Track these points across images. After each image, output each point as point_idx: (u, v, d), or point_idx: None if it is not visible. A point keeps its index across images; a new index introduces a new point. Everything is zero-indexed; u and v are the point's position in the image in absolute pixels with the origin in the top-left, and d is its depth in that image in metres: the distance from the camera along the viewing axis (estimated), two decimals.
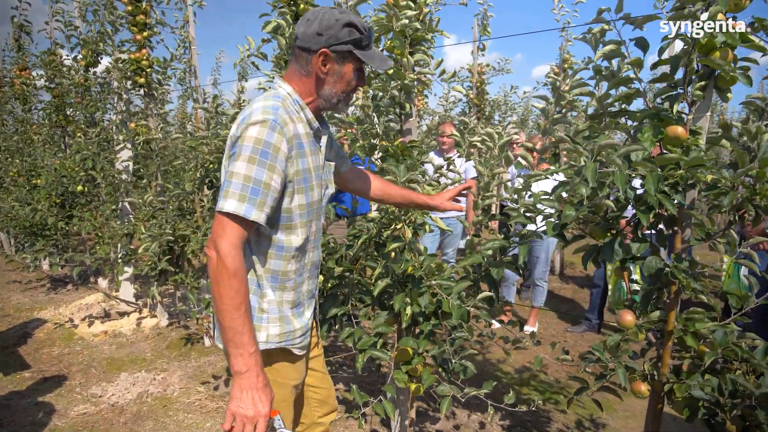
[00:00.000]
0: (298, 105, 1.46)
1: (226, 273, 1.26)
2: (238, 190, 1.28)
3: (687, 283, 1.63)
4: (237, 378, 1.28)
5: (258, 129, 1.30)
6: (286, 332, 1.49)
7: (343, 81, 1.46)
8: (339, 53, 1.42)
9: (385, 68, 1.46)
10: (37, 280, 6.25)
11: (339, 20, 1.40)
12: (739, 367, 1.61)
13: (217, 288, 1.27)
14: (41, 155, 6.27)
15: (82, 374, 3.61)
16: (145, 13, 4.44)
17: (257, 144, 1.29)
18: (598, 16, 1.74)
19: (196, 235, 3.74)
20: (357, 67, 1.47)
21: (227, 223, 1.28)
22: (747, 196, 1.58)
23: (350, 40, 1.41)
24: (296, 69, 1.47)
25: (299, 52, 1.45)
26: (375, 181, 1.91)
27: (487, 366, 3.75)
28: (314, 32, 1.40)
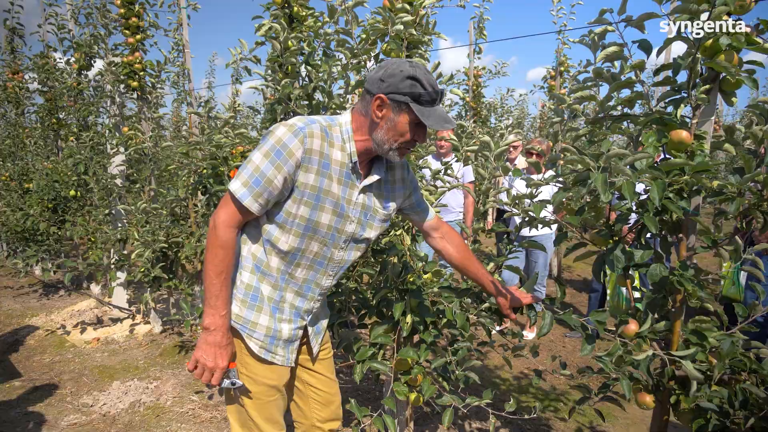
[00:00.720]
0: (348, 135, 1.52)
1: (216, 242, 1.43)
2: (246, 176, 1.41)
3: (693, 291, 1.58)
4: (204, 333, 1.45)
5: (284, 130, 1.41)
6: (244, 318, 1.54)
7: (396, 130, 1.47)
8: (395, 102, 1.44)
9: (441, 128, 1.47)
10: (29, 286, 6.17)
11: (403, 71, 1.43)
12: (748, 378, 1.57)
13: (207, 253, 1.45)
14: (33, 159, 6.19)
15: (74, 383, 3.54)
16: (138, 16, 4.39)
17: (277, 143, 1.40)
18: (599, 16, 1.70)
19: (190, 241, 3.68)
20: (415, 121, 1.46)
21: (229, 200, 1.44)
22: (754, 202, 1.54)
23: (409, 92, 1.43)
24: (359, 107, 1.53)
25: (364, 92, 1.52)
26: (457, 249, 1.86)
27: (486, 372, 3.70)
28: (378, 77, 1.46)
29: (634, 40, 1.73)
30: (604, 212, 1.83)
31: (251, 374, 1.57)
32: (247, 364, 1.56)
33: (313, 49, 2.75)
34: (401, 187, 1.70)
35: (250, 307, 1.54)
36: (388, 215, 1.68)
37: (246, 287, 1.55)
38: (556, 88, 6.46)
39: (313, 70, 2.73)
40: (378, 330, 2.07)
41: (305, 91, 2.70)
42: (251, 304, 1.55)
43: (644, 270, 1.73)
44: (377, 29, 2.34)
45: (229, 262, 1.45)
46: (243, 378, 1.56)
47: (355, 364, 2.09)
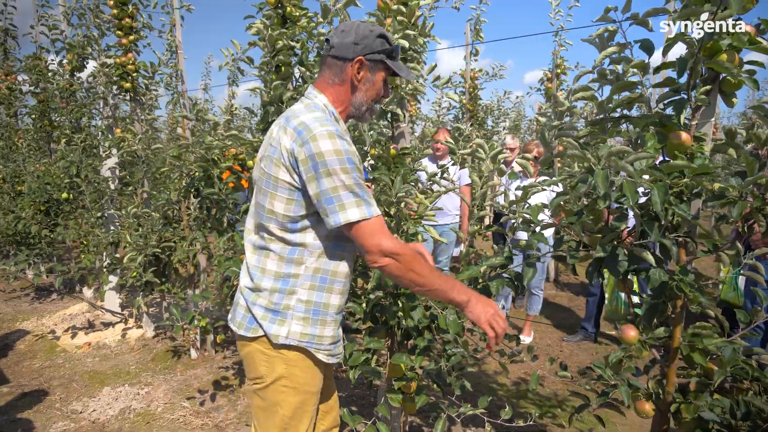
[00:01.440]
0: (334, 117, 1.51)
1: (409, 259, 1.39)
2: (352, 199, 1.35)
3: (694, 296, 1.54)
4: (467, 307, 1.45)
5: (329, 141, 1.35)
6: (310, 334, 1.50)
7: (374, 89, 1.53)
8: (372, 62, 1.50)
9: (411, 78, 1.56)
10: (21, 289, 6.09)
11: (373, 31, 1.49)
12: (750, 386, 1.53)
13: (411, 276, 1.40)
14: (25, 161, 6.13)
15: (63, 389, 3.47)
16: (132, 17, 4.34)
17: (338, 154, 1.35)
18: (604, 14, 1.66)
19: (182, 244, 3.62)
20: (385, 77, 1.55)
21: (365, 228, 1.37)
22: (757, 205, 1.50)
23: (383, 50, 1.50)
24: (328, 77, 1.52)
25: (333, 60, 1.51)
26: None
27: (483, 378, 3.65)
28: (351, 42, 1.47)
29: (636, 40, 1.70)
30: (603, 216, 1.79)
31: (296, 385, 1.54)
32: (292, 375, 1.52)
33: (307, 50, 2.71)
34: None
35: (313, 323, 1.51)
36: None
37: (306, 304, 1.50)
38: (553, 90, 6.43)
39: (307, 71, 2.69)
40: (371, 335, 2.02)
41: (298, 92, 2.65)
42: (314, 320, 1.51)
43: (643, 275, 1.70)
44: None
45: (425, 263, 1.44)
46: (287, 390, 1.53)
47: (348, 370, 2.05)
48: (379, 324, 2.14)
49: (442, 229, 4.47)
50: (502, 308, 4.58)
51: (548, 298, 5.66)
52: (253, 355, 1.55)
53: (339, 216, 1.35)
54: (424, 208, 2.31)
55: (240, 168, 3.18)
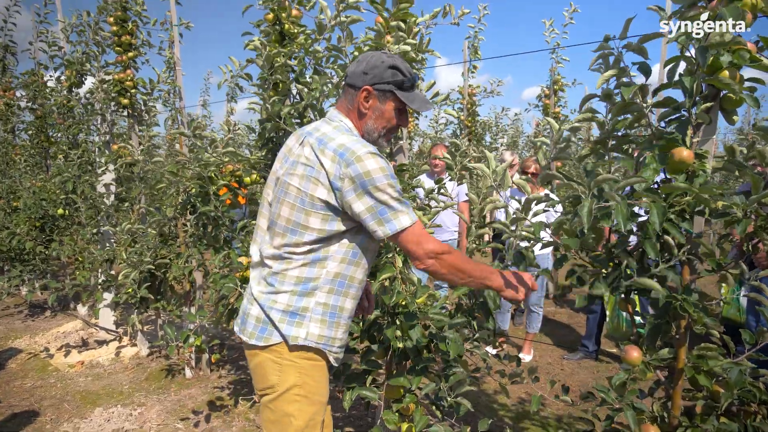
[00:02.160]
0: None
1: (455, 259, 1.49)
2: (402, 208, 1.46)
3: (698, 317, 1.51)
4: (505, 291, 1.60)
5: (373, 160, 1.43)
6: (326, 336, 1.54)
7: (384, 118, 1.58)
8: (381, 92, 1.55)
9: (426, 110, 1.60)
10: (15, 306, 6.02)
11: (384, 62, 1.54)
12: (758, 409, 1.49)
13: (460, 275, 1.52)
14: (21, 177, 6.10)
15: (54, 409, 3.40)
16: (131, 34, 4.35)
17: (384, 171, 1.43)
18: (603, 42, 1.66)
19: (178, 261, 3.58)
20: (398, 107, 1.59)
21: (412, 234, 1.46)
22: (761, 224, 1.47)
23: (393, 81, 1.54)
24: (345, 103, 1.60)
25: (347, 88, 1.58)
26: None
27: (483, 398, 3.59)
28: (361, 71, 1.54)
29: (634, 62, 1.69)
30: (605, 235, 1.76)
31: (308, 394, 1.55)
32: (306, 384, 1.54)
33: (304, 66, 2.71)
34: None
35: (330, 326, 1.55)
36: None
37: (323, 306, 1.54)
38: (550, 106, 6.45)
39: (304, 88, 2.68)
40: (368, 356, 1.98)
41: (296, 109, 2.64)
42: (330, 322, 1.55)
43: (645, 294, 1.66)
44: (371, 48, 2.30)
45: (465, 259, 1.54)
46: (301, 399, 1.54)
47: (344, 391, 2.00)
48: (377, 343, 2.09)
49: None
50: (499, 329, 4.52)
51: (548, 315, 5.61)
52: (264, 365, 1.55)
53: (394, 224, 1.45)
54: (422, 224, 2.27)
55: (237, 185, 3.15)
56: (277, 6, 2.74)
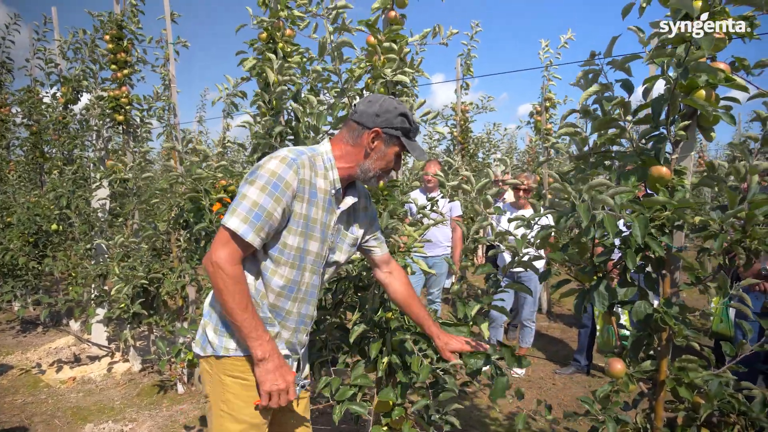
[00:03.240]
0: (330, 164, 1.60)
1: (230, 280, 1.42)
2: (244, 212, 1.42)
3: (679, 329, 1.55)
4: (261, 364, 1.47)
5: (277, 163, 1.46)
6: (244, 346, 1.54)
7: (384, 160, 1.62)
8: (388, 136, 1.59)
9: (422, 159, 1.63)
10: (7, 322, 5.99)
11: (396, 109, 1.59)
12: (737, 420, 1.52)
13: (223, 295, 1.43)
14: (15, 192, 6.11)
15: (45, 425, 3.39)
16: (126, 51, 4.41)
17: (272, 176, 1.44)
18: (590, 59, 1.72)
19: (170, 277, 3.60)
20: (398, 152, 1.64)
21: (227, 238, 1.43)
22: (737, 238, 1.52)
23: (401, 127, 1.59)
24: (346, 137, 1.62)
25: (354, 124, 1.61)
26: (402, 286, 1.89)
27: (474, 412, 3.60)
28: (373, 113, 1.57)
29: (618, 80, 1.75)
30: (589, 248, 1.80)
31: (232, 412, 1.55)
32: (228, 401, 1.55)
33: (299, 86, 2.76)
34: (365, 215, 1.79)
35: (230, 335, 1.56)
36: (356, 240, 1.76)
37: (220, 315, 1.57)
38: (541, 123, 6.54)
39: (300, 107, 2.73)
40: (357, 370, 2.00)
41: (290, 127, 2.69)
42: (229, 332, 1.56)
43: (629, 307, 1.70)
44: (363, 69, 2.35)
45: (247, 294, 1.46)
46: (224, 416, 1.55)
47: (334, 405, 2.02)
48: (367, 357, 2.11)
49: (434, 261, 4.47)
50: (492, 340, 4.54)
51: (541, 330, 5.63)
52: (202, 374, 1.64)
53: (226, 216, 1.45)
54: (412, 240, 2.31)
55: (230, 200, 3.18)
56: (271, 26, 2.80)
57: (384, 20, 2.47)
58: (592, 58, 1.75)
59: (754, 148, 1.60)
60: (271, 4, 2.74)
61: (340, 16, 2.34)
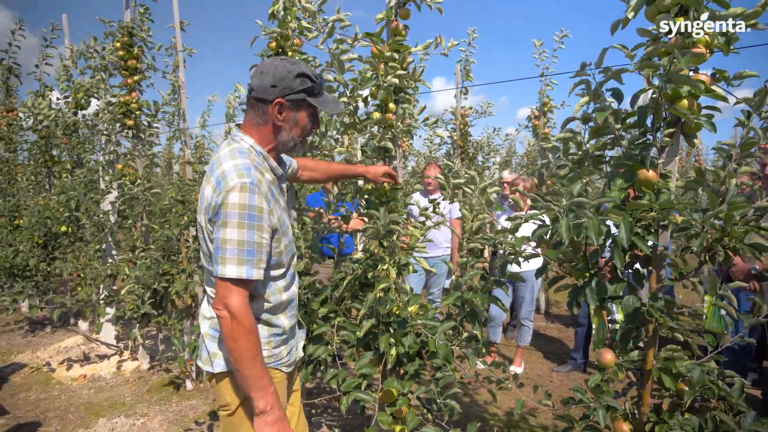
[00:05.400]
0: (262, 156, 1.57)
1: (243, 330, 1.40)
2: (235, 255, 1.39)
3: (664, 321, 1.67)
4: (262, 416, 1.45)
5: (239, 195, 1.39)
6: (275, 354, 1.63)
7: (299, 126, 1.58)
8: (293, 102, 1.54)
9: (338, 111, 1.60)
10: (15, 323, 6.11)
11: (291, 71, 1.51)
12: (718, 405, 1.64)
13: (235, 344, 1.40)
14: (25, 195, 6.23)
15: (59, 420, 3.50)
16: (136, 59, 4.54)
17: (242, 209, 1.39)
18: (581, 69, 1.84)
19: (181, 276, 3.72)
20: (311, 112, 1.60)
21: (232, 286, 1.41)
22: (717, 237, 1.65)
23: (303, 89, 1.53)
24: (253, 118, 1.57)
25: (255, 102, 1.55)
26: (313, 163, 2.05)
27: (474, 407, 3.72)
28: (268, 84, 1.50)
29: (608, 89, 1.88)
30: (581, 247, 1.93)
31: None
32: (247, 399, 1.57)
33: None
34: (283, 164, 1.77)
35: (276, 345, 1.64)
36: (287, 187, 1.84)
37: (268, 328, 1.61)
38: (539, 127, 6.67)
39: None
40: (363, 360, 2.12)
41: None
42: (276, 341, 1.64)
43: (618, 302, 1.82)
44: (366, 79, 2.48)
45: (258, 343, 1.44)
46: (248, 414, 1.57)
47: (341, 396, 2.14)
48: (372, 351, 2.24)
49: (434, 261, 4.60)
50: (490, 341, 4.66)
51: (538, 330, 5.75)
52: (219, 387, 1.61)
53: (219, 268, 1.40)
54: (414, 240, 2.44)
55: None
56: (280, 36, 2.93)
57: (388, 31, 2.60)
58: (583, 69, 1.88)
59: (733, 154, 1.73)
60: (280, 17, 2.87)
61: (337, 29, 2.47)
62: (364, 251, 2.51)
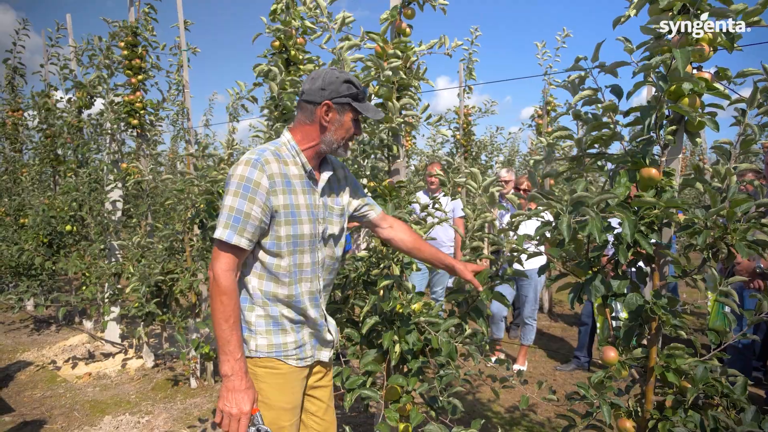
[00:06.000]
0: (294, 150, 1.68)
1: (218, 290, 1.51)
2: (224, 219, 1.53)
3: (666, 319, 1.67)
4: (225, 380, 1.51)
5: (242, 168, 1.56)
6: (275, 344, 1.65)
7: (343, 129, 1.69)
8: (339, 105, 1.66)
9: (378, 117, 1.70)
10: (21, 321, 6.14)
11: (339, 77, 1.65)
12: (720, 402, 1.64)
13: (212, 303, 1.53)
14: (30, 194, 6.27)
15: (64, 417, 3.53)
16: (141, 58, 4.56)
17: (241, 180, 1.54)
18: (575, 63, 1.84)
19: (185, 275, 3.74)
20: (354, 118, 1.71)
21: (219, 251, 1.54)
22: (719, 234, 1.65)
23: (348, 93, 1.65)
24: (302, 119, 1.70)
25: (305, 104, 1.68)
26: (406, 235, 1.98)
27: (477, 405, 3.72)
28: (318, 87, 1.64)
29: (607, 85, 1.88)
30: (584, 245, 1.93)
31: (266, 399, 1.64)
32: (261, 390, 1.64)
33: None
34: (345, 184, 1.88)
35: (275, 333, 1.66)
36: (342, 209, 1.84)
37: (265, 318, 1.65)
38: (543, 126, 6.67)
39: None
40: (367, 358, 2.13)
41: None
42: (275, 330, 1.66)
43: (621, 299, 1.83)
44: (369, 75, 2.49)
45: (234, 307, 1.53)
46: (259, 404, 1.61)
47: (345, 393, 2.15)
48: (376, 348, 2.24)
49: None
50: (494, 339, 4.67)
51: (542, 329, 5.75)
52: None
53: (215, 230, 1.55)
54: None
55: None
56: (283, 34, 2.94)
57: (392, 30, 2.61)
58: (577, 63, 1.88)
59: (731, 152, 1.73)
60: (283, 16, 2.88)
61: (345, 27, 2.48)
62: (368, 249, 2.51)
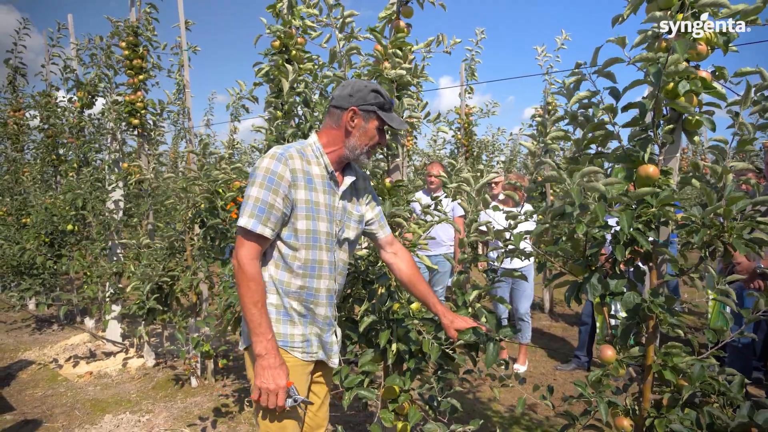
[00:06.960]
0: (319, 152, 1.75)
1: (244, 277, 1.59)
2: (249, 209, 1.60)
3: (664, 317, 1.67)
4: (258, 360, 1.59)
5: (268, 161, 1.63)
6: (283, 333, 1.71)
7: (367, 136, 1.75)
8: (365, 112, 1.73)
9: (402, 128, 1.75)
10: (22, 320, 6.16)
11: (367, 86, 1.73)
12: (717, 400, 1.64)
13: (240, 289, 1.60)
14: (32, 194, 6.29)
15: (65, 416, 3.54)
16: (142, 58, 4.58)
17: (266, 172, 1.61)
18: (575, 68, 1.85)
19: (186, 274, 3.75)
20: (379, 126, 1.77)
21: (243, 239, 1.61)
22: (715, 233, 1.65)
23: (375, 102, 1.72)
24: (329, 123, 1.77)
25: (333, 109, 1.76)
26: (407, 266, 2.00)
27: (477, 405, 3.73)
28: (347, 94, 1.73)
29: (605, 87, 1.88)
30: (582, 243, 1.93)
31: None
32: None
33: (311, 90, 2.91)
34: (364, 193, 1.95)
35: (284, 323, 1.72)
36: (360, 216, 1.90)
37: (276, 307, 1.71)
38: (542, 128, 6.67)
39: (309, 111, 2.88)
40: (365, 357, 2.14)
41: (301, 130, 2.83)
42: (284, 320, 1.72)
43: (619, 298, 1.83)
44: (370, 72, 2.50)
45: (261, 292, 1.62)
46: None
47: (343, 392, 2.15)
48: (374, 347, 2.25)
49: (436, 259, 4.61)
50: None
51: (543, 329, 5.75)
52: (246, 362, 1.80)
53: (239, 219, 1.61)
54: (417, 237, 2.45)
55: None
56: (284, 34, 2.95)
57: (390, 29, 2.62)
58: (578, 68, 1.89)
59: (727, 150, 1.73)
60: (284, 16, 2.89)
61: (348, 25, 2.49)
62: (367, 248, 2.52)
